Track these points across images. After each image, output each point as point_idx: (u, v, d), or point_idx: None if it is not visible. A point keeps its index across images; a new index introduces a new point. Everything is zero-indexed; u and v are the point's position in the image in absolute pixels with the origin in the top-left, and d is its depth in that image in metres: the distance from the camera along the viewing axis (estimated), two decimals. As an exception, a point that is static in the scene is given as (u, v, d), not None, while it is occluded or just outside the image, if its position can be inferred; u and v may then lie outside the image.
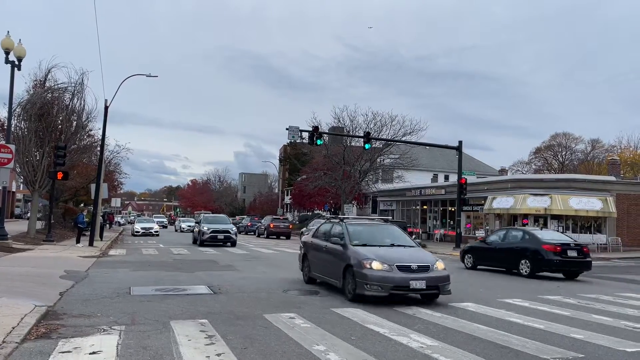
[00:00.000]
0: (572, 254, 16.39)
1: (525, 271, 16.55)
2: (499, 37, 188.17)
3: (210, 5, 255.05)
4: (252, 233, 47.10)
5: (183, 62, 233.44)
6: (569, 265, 16.37)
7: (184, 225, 51.29)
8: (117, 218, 67.61)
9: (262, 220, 46.38)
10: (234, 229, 28.01)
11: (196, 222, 30.33)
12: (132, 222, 56.12)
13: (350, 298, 9.74)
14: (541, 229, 22.81)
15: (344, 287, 10.08)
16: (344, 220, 11.64)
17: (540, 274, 16.65)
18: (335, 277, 10.51)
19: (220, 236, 26.88)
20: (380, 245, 10.39)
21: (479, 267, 18.67)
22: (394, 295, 9.39)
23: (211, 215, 35.10)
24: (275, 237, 40.29)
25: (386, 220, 13.13)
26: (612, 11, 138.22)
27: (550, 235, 18.15)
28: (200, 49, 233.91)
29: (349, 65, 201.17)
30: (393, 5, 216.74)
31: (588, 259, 16.52)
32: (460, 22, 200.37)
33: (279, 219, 43.66)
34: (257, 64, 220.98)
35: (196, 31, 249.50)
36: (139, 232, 39.18)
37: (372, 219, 14.46)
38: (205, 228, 26.95)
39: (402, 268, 9.40)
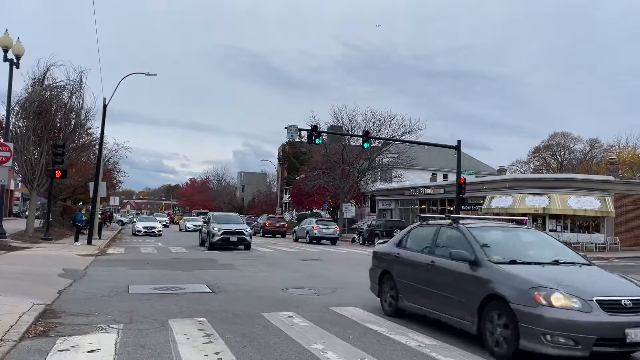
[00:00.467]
0: None
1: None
2: (497, 36, 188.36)
3: (207, 3, 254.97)
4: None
5: (181, 60, 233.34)
6: None
7: (189, 224, 48.22)
8: (120, 217, 67.15)
9: (259, 219, 47.08)
10: (248, 229, 24.68)
11: (204, 222, 26.40)
12: (133, 221, 54.61)
13: (502, 355, 5.83)
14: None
15: (484, 334, 6.16)
16: (461, 222, 7.66)
17: None
18: (460, 314, 6.59)
19: (233, 238, 23.42)
20: (538, 263, 6.53)
21: None
22: (595, 355, 5.41)
23: (222, 213, 30.91)
24: (270, 235, 40.61)
25: (519, 222, 8.43)
26: (609, 11, 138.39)
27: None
28: (198, 47, 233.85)
29: (347, 64, 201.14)
30: (390, 4, 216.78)
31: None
32: (458, 21, 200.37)
33: (274, 217, 44.43)
34: (255, 62, 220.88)
35: (193, 29, 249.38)
36: (140, 231, 36.54)
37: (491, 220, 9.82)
38: (216, 229, 23.49)
39: (607, 305, 5.56)
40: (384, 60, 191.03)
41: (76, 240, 22.63)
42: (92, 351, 5.60)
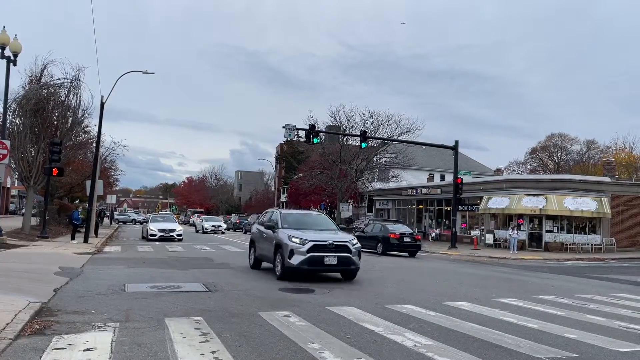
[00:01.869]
0: (407, 239, 23.98)
1: (379, 251, 24.12)
2: (495, 36, 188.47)
3: (204, 1, 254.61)
4: (240, 230, 49.71)
5: (178, 59, 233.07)
6: (404, 247, 23.92)
7: (207, 225, 42.08)
8: (135, 215, 65.48)
9: (249, 218, 49.71)
10: (354, 242, 13.08)
11: (266, 227, 14.25)
12: (143, 222, 44.36)
13: None
14: (394, 224, 27.62)
15: None
16: None
17: (391, 252, 23.95)
18: None
19: (331, 259, 12.39)
20: None
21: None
22: None
23: (296, 212, 16.26)
24: None
25: None
26: (607, 12, 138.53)
27: (398, 227, 25.26)
28: (195, 45, 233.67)
29: (344, 63, 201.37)
30: (387, 3, 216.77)
31: (418, 243, 24.48)
32: (456, 21, 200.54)
33: None
34: (252, 61, 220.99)
35: (191, 28, 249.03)
36: (154, 235, 28.10)
37: None
38: (296, 240, 12.46)
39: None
40: (380, 59, 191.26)
41: (73, 238, 22.57)
42: (88, 349, 5.59)
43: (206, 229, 41.79)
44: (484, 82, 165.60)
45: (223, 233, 41.98)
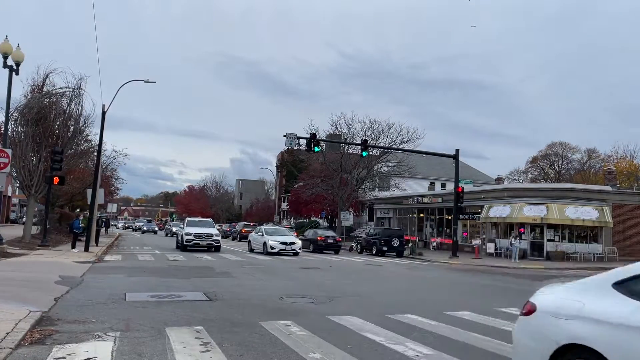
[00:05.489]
0: (330, 241, 32.14)
1: (311, 249, 31.65)
2: (493, 45, 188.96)
3: (201, 11, 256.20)
4: (230, 237, 52.86)
5: (178, 68, 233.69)
6: (329, 247, 31.74)
7: (273, 242, 26.72)
8: (173, 227, 62.29)
9: (237, 226, 53.64)
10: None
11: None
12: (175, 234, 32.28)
13: None
14: (324, 230, 37.76)
15: None
16: None
17: (319, 250, 31.49)
18: None
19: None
20: None
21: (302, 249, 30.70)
22: None
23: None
24: (245, 239, 44.53)
25: None
26: (602, 20, 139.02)
27: (325, 232, 34.43)
28: (194, 55, 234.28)
29: (341, 72, 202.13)
30: (383, 12, 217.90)
31: (338, 244, 32.67)
32: (453, 30, 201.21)
33: (249, 225, 51.47)
34: (251, 70, 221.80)
35: (189, 38, 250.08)
36: None
37: None
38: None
39: None
40: (378, 69, 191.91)
41: (73, 247, 22.53)
42: (88, 359, 5.57)
43: (272, 249, 26.38)
44: (483, 91, 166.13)
45: (297, 254, 26.98)
